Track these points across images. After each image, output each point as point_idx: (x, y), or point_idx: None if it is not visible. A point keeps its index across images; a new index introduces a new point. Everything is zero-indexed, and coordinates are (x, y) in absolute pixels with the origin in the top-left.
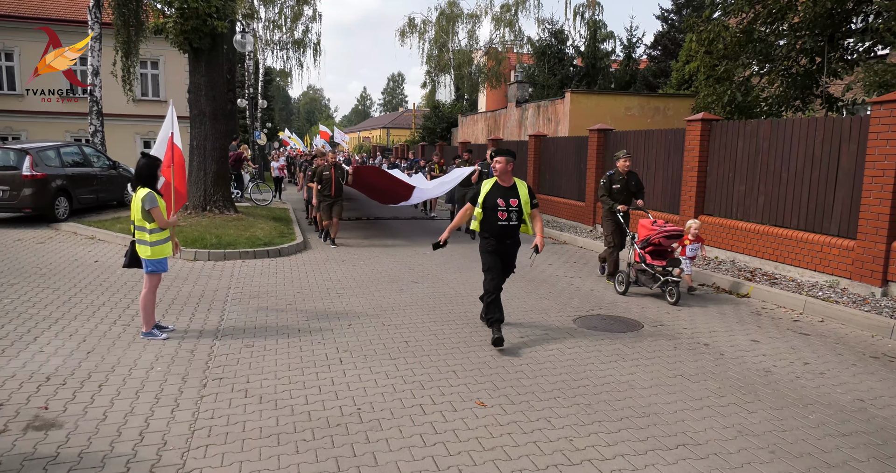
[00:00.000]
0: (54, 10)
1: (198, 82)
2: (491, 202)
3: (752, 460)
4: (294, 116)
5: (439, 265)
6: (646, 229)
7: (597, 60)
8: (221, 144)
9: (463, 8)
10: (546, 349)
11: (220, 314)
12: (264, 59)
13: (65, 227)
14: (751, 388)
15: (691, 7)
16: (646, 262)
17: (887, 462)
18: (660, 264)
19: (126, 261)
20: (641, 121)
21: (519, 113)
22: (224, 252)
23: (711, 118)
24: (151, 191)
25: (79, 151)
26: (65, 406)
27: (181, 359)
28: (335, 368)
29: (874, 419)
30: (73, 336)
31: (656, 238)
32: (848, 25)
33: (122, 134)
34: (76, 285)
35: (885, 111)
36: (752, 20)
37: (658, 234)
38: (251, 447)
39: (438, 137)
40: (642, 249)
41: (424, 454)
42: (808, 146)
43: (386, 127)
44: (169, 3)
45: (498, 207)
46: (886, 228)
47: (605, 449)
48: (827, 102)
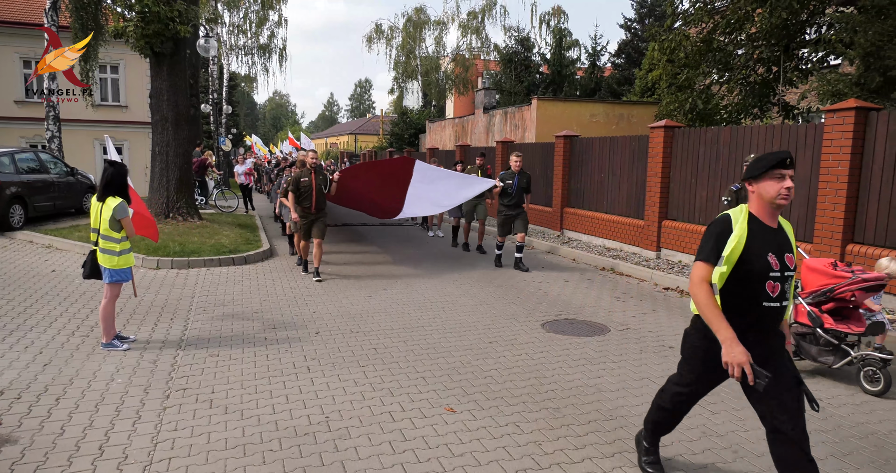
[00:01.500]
0: (9, 13)
1: (159, 87)
2: (758, 263)
3: (716, 460)
4: (260, 122)
5: (412, 273)
6: (822, 275)
7: (562, 68)
8: (184, 151)
9: (430, 15)
10: (515, 354)
11: (183, 323)
12: (229, 64)
13: (20, 235)
14: (713, 389)
15: (653, 17)
16: (823, 326)
17: (844, 459)
18: (852, 330)
19: (86, 272)
20: (606, 127)
21: (486, 119)
22: (188, 260)
23: (674, 125)
24: (124, 200)
25: (34, 157)
26: (20, 421)
27: (143, 370)
28: (303, 376)
29: (831, 417)
30: (28, 348)
31: (847, 291)
32: (802, 36)
33: (81, 140)
34: (32, 295)
35: (837, 119)
36: (711, 30)
37: (851, 285)
38: (216, 459)
39: (406, 143)
40: (815, 304)
41: (394, 461)
42: (766, 152)
43: (354, 133)
44: (129, 6)
45: (770, 271)
46: (841, 232)
47: (574, 453)
48: (784, 110)
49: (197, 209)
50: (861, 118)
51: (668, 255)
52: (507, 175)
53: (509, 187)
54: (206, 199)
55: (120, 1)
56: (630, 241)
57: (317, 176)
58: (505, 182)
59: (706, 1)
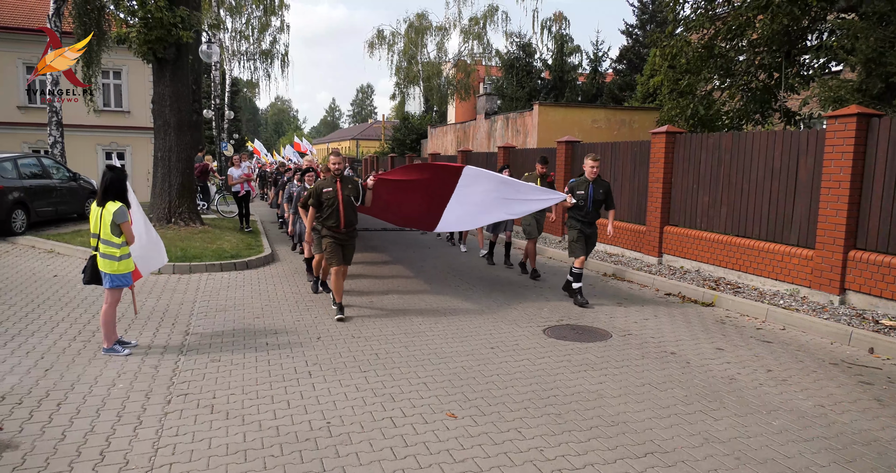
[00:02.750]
0: (12, 18)
1: (162, 93)
2: None
3: (718, 467)
4: (262, 127)
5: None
6: None
7: (564, 73)
8: (186, 156)
9: (432, 20)
10: (516, 359)
11: (185, 328)
12: (231, 69)
13: (22, 240)
14: (716, 395)
15: (655, 23)
16: None
17: (847, 467)
18: None
19: (86, 277)
20: (608, 133)
21: (488, 125)
22: (189, 265)
23: (675, 131)
24: (123, 205)
25: (37, 162)
26: (21, 426)
27: (144, 375)
28: (304, 382)
29: (834, 424)
30: (30, 354)
31: None
32: (804, 42)
33: (83, 145)
34: (34, 300)
35: (839, 125)
36: (712, 36)
37: None
38: (217, 464)
39: (408, 148)
40: None
41: (395, 467)
42: (767, 159)
43: (355, 138)
44: (132, 12)
45: None
46: (843, 238)
47: (576, 459)
48: (785, 116)
49: (199, 214)
50: (863, 124)
51: (669, 260)
52: (578, 184)
53: (581, 200)
54: (208, 204)
55: (123, 7)
56: (632, 246)
57: (344, 186)
58: (576, 193)
59: (707, 7)
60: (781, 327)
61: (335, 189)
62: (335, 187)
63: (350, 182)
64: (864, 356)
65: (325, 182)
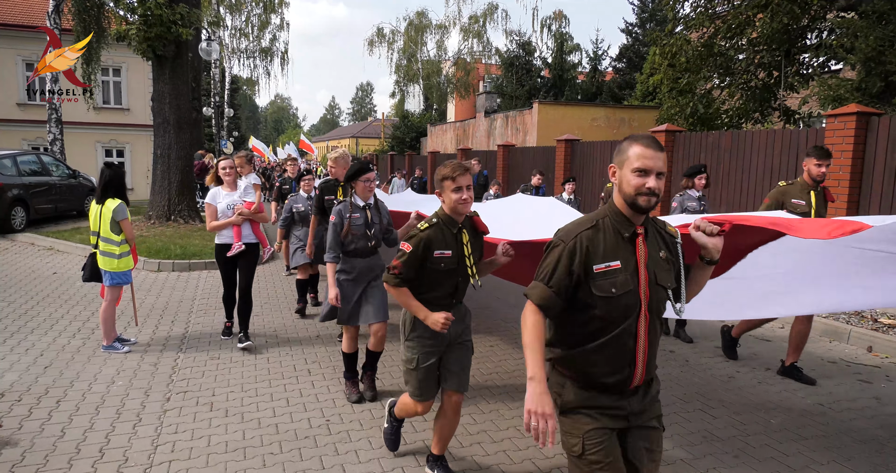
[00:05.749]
0: (11, 15)
1: (161, 90)
2: None
3: (717, 465)
4: (262, 125)
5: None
6: None
7: (564, 72)
8: (186, 153)
9: (431, 19)
10: (516, 357)
11: (184, 325)
12: (230, 67)
13: (21, 238)
14: (715, 394)
15: (655, 21)
16: None
17: (846, 465)
18: None
19: (86, 275)
20: (607, 131)
21: (487, 123)
22: (189, 263)
23: (675, 129)
24: (122, 202)
25: (36, 159)
26: (20, 423)
27: (144, 373)
28: (303, 379)
29: (833, 422)
30: (29, 351)
31: None
32: (803, 41)
33: (83, 142)
34: (33, 297)
35: (838, 124)
36: (712, 35)
37: None
38: (216, 462)
39: (408, 146)
40: None
41: (394, 465)
42: (767, 157)
43: (355, 136)
44: (132, 9)
45: None
46: None
47: None
48: (784, 115)
49: (198, 212)
50: (862, 123)
51: None
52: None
53: None
54: None
55: (123, 4)
56: None
57: (474, 239)
58: None
59: (707, 5)
60: (780, 325)
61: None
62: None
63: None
64: (863, 355)
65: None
